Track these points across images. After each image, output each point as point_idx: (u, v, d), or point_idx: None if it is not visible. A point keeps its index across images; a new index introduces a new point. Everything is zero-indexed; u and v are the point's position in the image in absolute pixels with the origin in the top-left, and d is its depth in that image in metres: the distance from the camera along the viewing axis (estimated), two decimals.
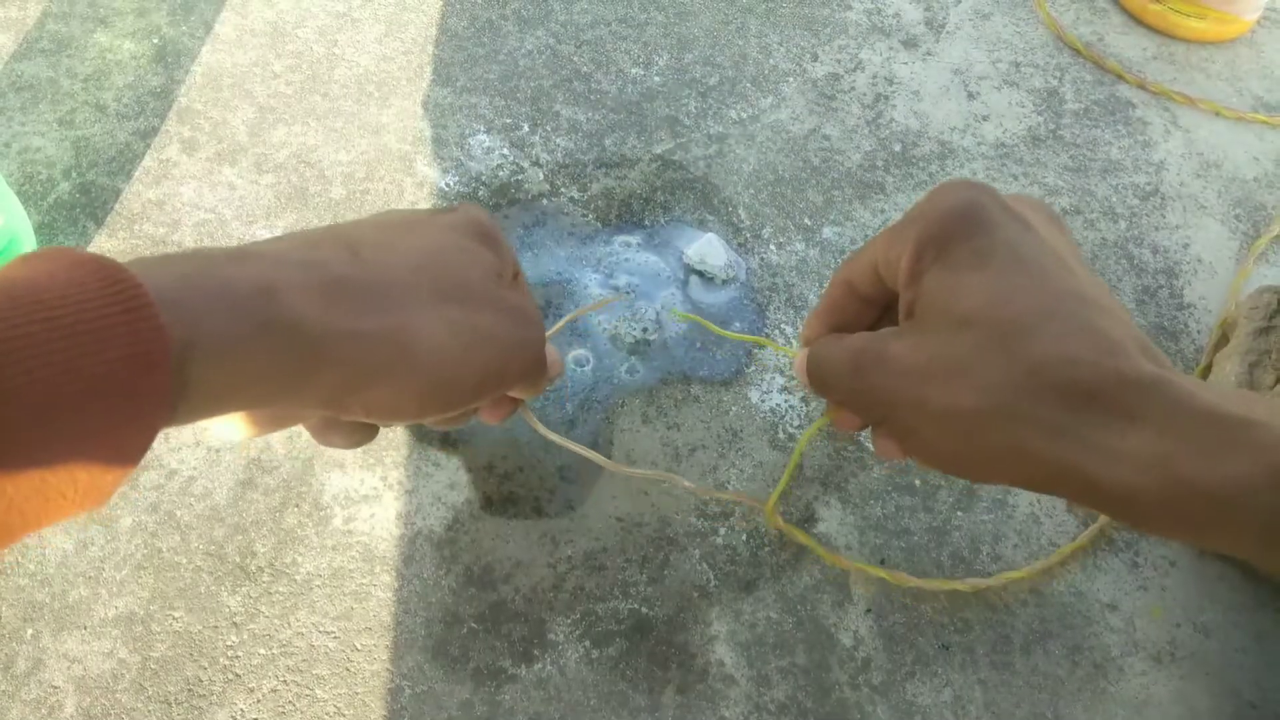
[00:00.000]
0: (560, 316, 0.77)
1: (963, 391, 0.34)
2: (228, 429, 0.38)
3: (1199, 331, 0.82)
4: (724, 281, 0.80)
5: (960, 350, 0.34)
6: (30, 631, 0.63)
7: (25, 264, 0.28)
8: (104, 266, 0.28)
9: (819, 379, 0.41)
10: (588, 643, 0.64)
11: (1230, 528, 0.31)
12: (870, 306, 0.42)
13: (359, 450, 0.70)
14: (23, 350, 0.25)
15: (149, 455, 0.69)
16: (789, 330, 0.78)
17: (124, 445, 0.29)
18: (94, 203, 0.81)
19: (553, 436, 0.53)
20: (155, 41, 0.93)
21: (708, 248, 0.80)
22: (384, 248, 0.38)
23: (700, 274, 0.80)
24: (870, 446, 0.73)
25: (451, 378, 0.38)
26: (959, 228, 0.35)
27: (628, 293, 0.79)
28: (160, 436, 0.69)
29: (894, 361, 0.36)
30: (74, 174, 0.83)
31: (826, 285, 0.45)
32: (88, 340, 0.26)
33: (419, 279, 0.38)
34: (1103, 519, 0.70)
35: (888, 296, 0.41)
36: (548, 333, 0.50)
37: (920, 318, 0.36)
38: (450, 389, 0.38)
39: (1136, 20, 1.05)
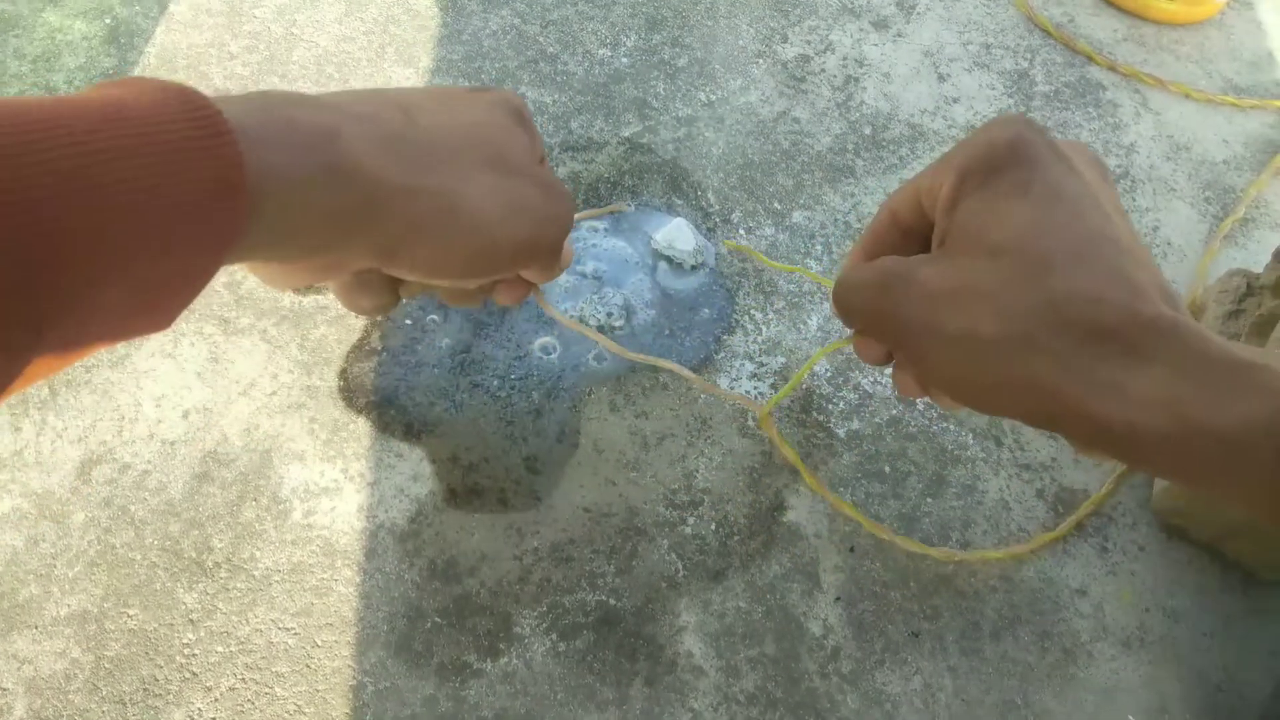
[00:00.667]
0: (526, 303, 0.76)
1: (984, 317, 0.34)
2: (272, 276, 0.39)
3: None
4: (693, 267, 0.79)
5: (987, 277, 0.34)
6: None
7: (111, 87, 0.29)
8: (186, 93, 0.29)
9: (845, 302, 0.41)
10: (554, 635, 0.63)
11: (1236, 471, 0.31)
12: (911, 239, 0.42)
13: (319, 442, 0.68)
14: (118, 162, 0.26)
15: (101, 447, 0.67)
16: (758, 316, 0.77)
17: (195, 269, 0.29)
18: None
19: (563, 319, 0.55)
20: (108, 21, 0.90)
21: (676, 233, 0.79)
22: (435, 114, 0.40)
23: (669, 259, 0.79)
24: (840, 433, 0.72)
25: (495, 240, 0.39)
26: (1003, 159, 0.36)
27: (628, 206, 0.79)
28: (114, 429, 0.68)
29: (921, 284, 0.36)
30: None
31: (873, 216, 0.45)
32: (176, 159, 0.28)
33: (468, 146, 0.39)
34: (1081, 511, 0.70)
35: (928, 229, 0.41)
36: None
37: (952, 244, 0.37)
38: (493, 251, 0.40)
39: (1107, 1, 1.05)
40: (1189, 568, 0.69)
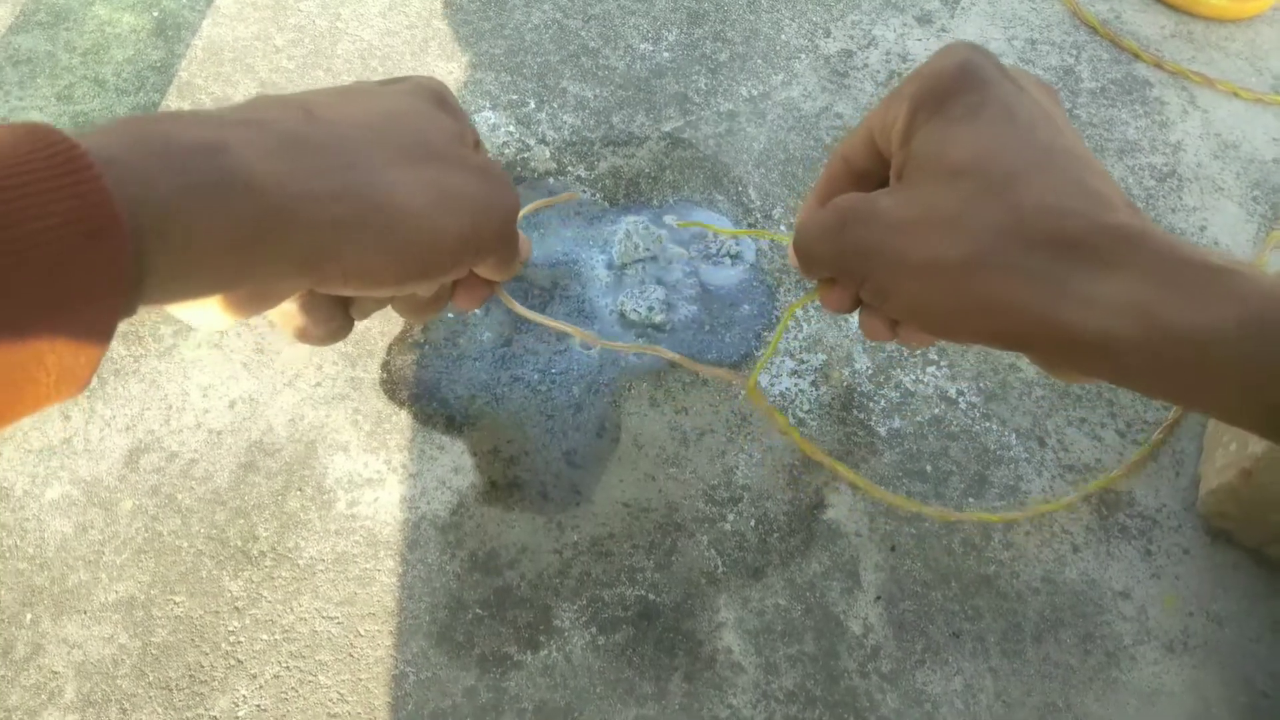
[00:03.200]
0: (567, 298, 0.76)
1: (949, 241, 0.33)
2: (206, 316, 0.36)
3: None
4: (733, 258, 0.79)
5: (948, 201, 0.34)
6: (29, 616, 0.62)
7: None
8: (37, 130, 0.26)
9: (805, 249, 0.40)
10: (594, 629, 0.64)
11: (1208, 376, 0.31)
12: (865, 182, 0.41)
13: (362, 434, 0.69)
14: None
15: (149, 436, 0.68)
16: (799, 312, 0.77)
17: (89, 321, 0.27)
18: None
19: (531, 315, 0.50)
20: (155, 14, 0.91)
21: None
22: (341, 108, 0.37)
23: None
24: (881, 431, 0.72)
25: (428, 237, 0.36)
26: (954, 84, 0.35)
27: (581, 192, 0.78)
28: (161, 419, 0.69)
29: (882, 215, 0.36)
30: None
31: (824, 165, 0.44)
32: (30, 204, 0.25)
33: (380, 138, 0.36)
34: (1092, 485, 0.69)
35: (883, 172, 0.40)
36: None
37: (911, 174, 0.36)
38: (428, 250, 0.36)
39: None
40: (1234, 572, 0.68)
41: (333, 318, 0.40)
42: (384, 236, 0.35)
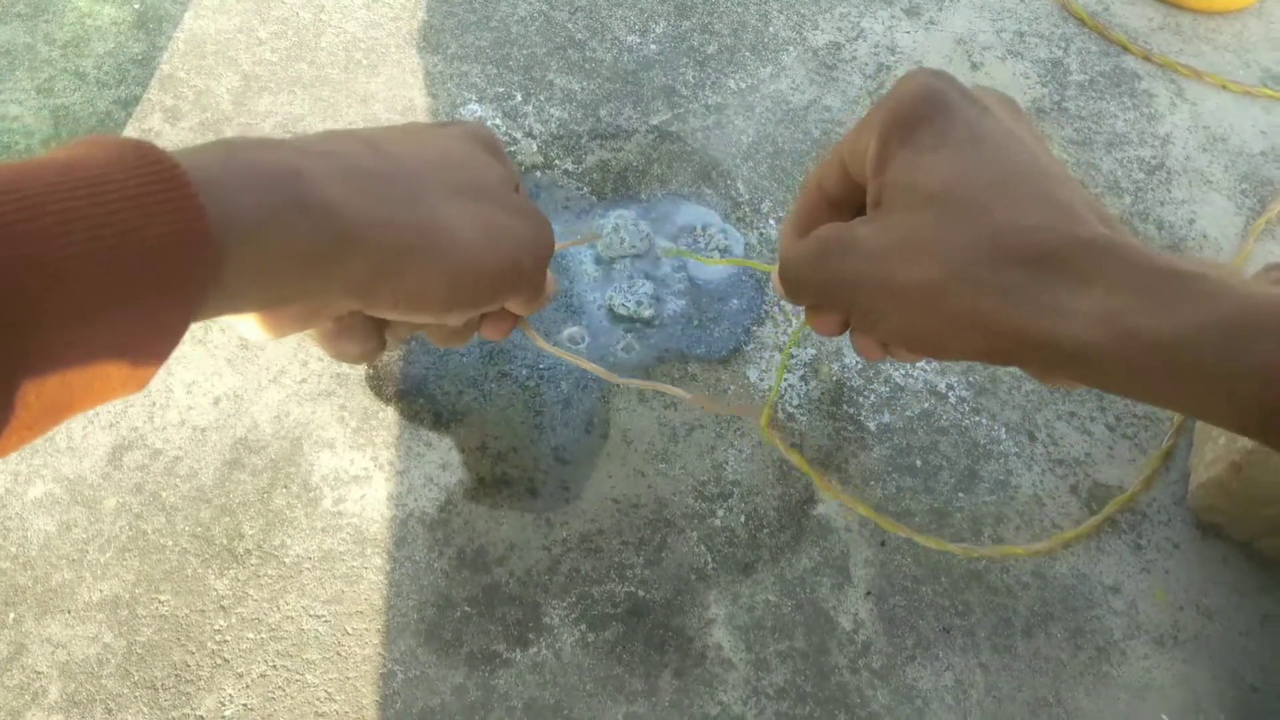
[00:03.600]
0: (555, 293, 0.76)
1: (926, 264, 0.35)
2: (254, 327, 0.38)
3: None
4: (721, 252, 0.78)
5: (923, 226, 0.35)
6: (12, 616, 0.61)
7: (74, 146, 0.29)
8: (141, 147, 0.29)
9: (790, 279, 0.41)
10: (583, 626, 0.63)
11: (1180, 380, 0.32)
12: (841, 210, 0.43)
13: (349, 430, 0.68)
14: (75, 223, 0.26)
15: (133, 433, 0.67)
16: (788, 307, 0.76)
17: (165, 326, 0.29)
18: None
19: (555, 350, 0.52)
20: (136, 7, 0.90)
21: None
22: (402, 145, 0.39)
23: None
24: (871, 426, 0.72)
25: (476, 268, 0.38)
26: (921, 111, 0.36)
27: (600, 235, 0.78)
28: (145, 415, 0.68)
29: (860, 244, 0.37)
30: (53, 144, 0.80)
31: (798, 192, 0.45)
32: (134, 215, 0.27)
33: (438, 174, 0.39)
34: (1109, 508, 0.69)
35: (858, 197, 0.41)
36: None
37: (887, 202, 0.37)
38: (475, 280, 0.39)
39: None
40: (1225, 565, 0.68)
41: (369, 339, 0.42)
42: (437, 262, 0.37)
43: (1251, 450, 0.62)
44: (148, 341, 0.29)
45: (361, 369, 0.71)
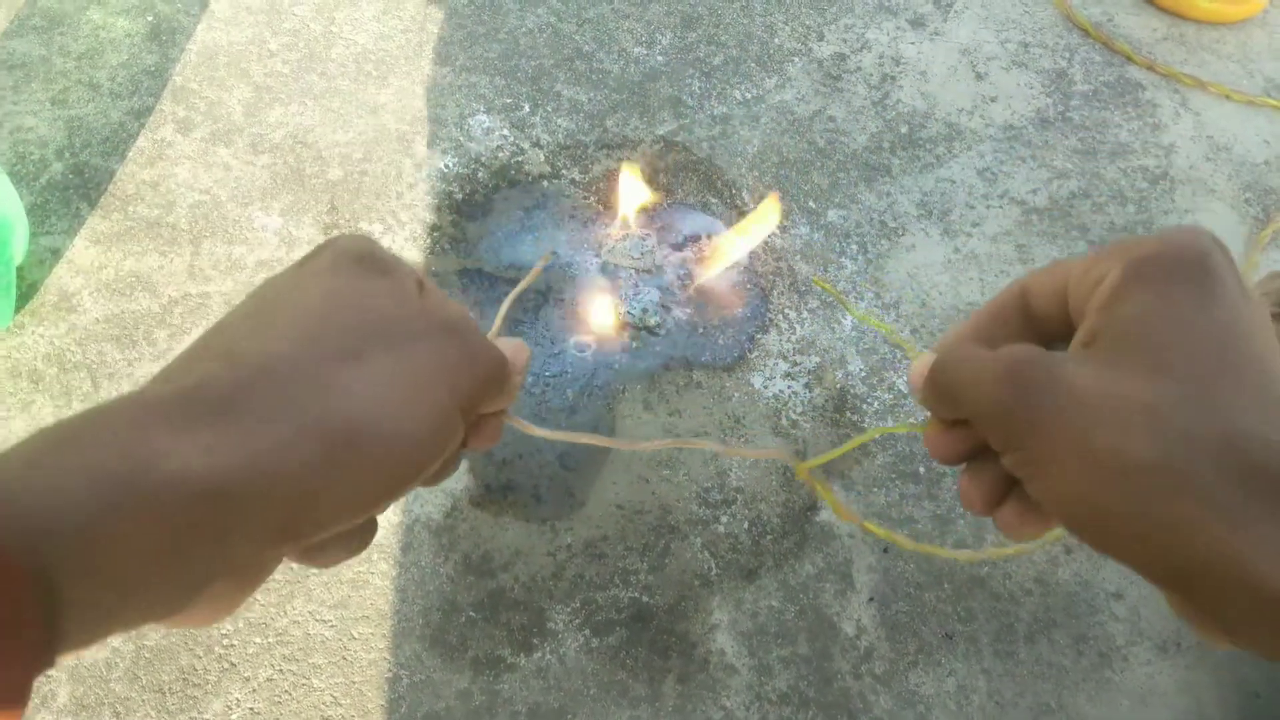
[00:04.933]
0: (561, 301, 0.76)
1: (1138, 439, 0.29)
2: (195, 617, 0.31)
3: None
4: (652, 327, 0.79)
5: (1148, 395, 0.30)
6: None
7: None
8: None
9: (948, 386, 0.36)
10: (588, 631, 0.64)
11: None
12: (1035, 328, 0.37)
13: None
14: None
15: None
16: (792, 315, 0.77)
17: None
18: (87, 183, 0.80)
19: (555, 435, 0.47)
20: (149, 19, 0.91)
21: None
22: (263, 333, 0.32)
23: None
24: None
25: (411, 434, 0.32)
26: (1184, 267, 0.32)
27: (553, 252, 0.77)
28: None
29: (1066, 385, 0.32)
30: (67, 154, 0.81)
31: (998, 294, 0.39)
32: None
33: (319, 348, 0.32)
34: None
35: (1059, 329, 0.36)
36: (490, 334, 0.44)
37: (1109, 347, 0.32)
38: (417, 447, 0.32)
39: (1147, 0, 1.04)
40: None
41: (347, 542, 0.35)
42: (362, 461, 0.30)
43: None
44: None
45: None
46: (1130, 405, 0.30)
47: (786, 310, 0.77)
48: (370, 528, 0.35)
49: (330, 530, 0.31)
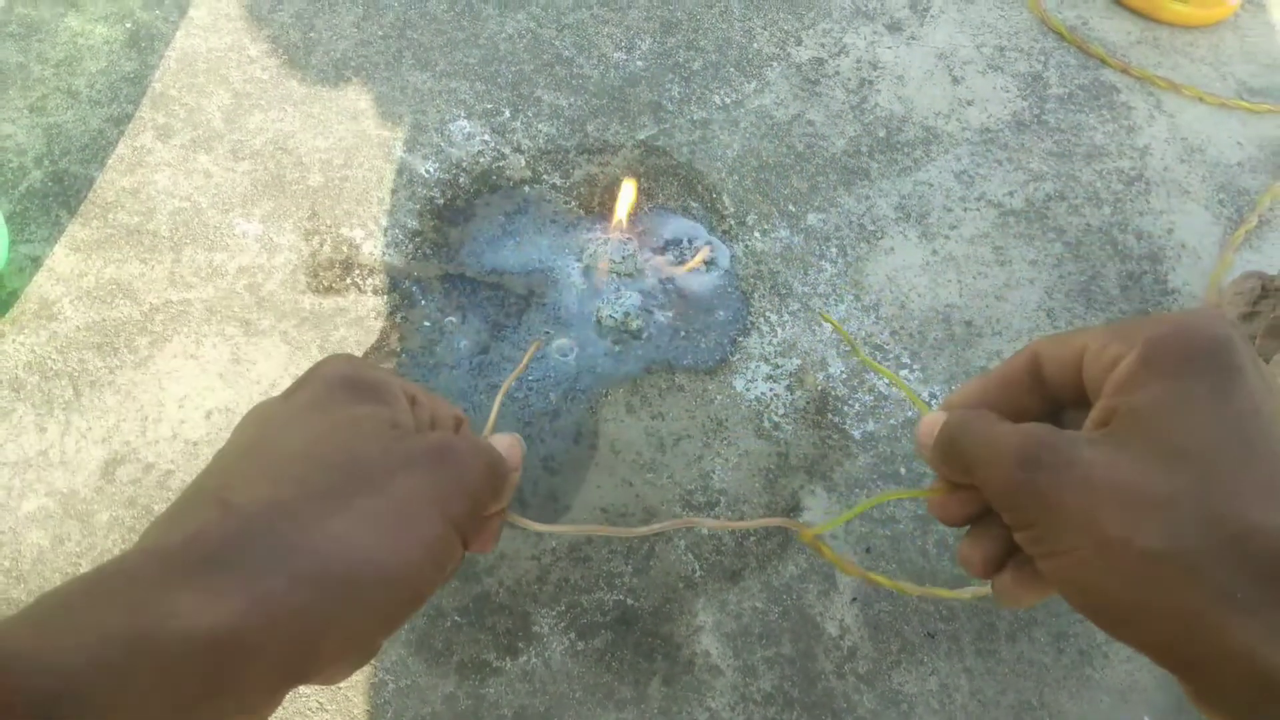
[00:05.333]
0: (543, 305, 0.77)
1: (1149, 527, 0.30)
2: None
3: None
4: (707, 264, 0.79)
5: (1162, 485, 0.30)
6: None
7: None
8: None
9: (963, 457, 0.36)
10: (573, 635, 0.64)
11: None
12: (1040, 398, 0.37)
13: None
14: None
15: (125, 448, 0.68)
16: (773, 318, 0.78)
17: None
18: (67, 191, 0.79)
19: (558, 529, 0.44)
20: (128, 25, 0.91)
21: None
22: (256, 478, 0.32)
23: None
24: (855, 435, 0.72)
25: (407, 569, 0.32)
26: (1204, 353, 0.32)
27: (543, 337, 0.76)
28: (138, 430, 0.68)
29: (1081, 467, 0.32)
30: (46, 162, 0.81)
31: (1008, 358, 0.39)
32: None
33: (312, 491, 0.31)
34: None
35: (1068, 397, 0.37)
36: (485, 431, 0.44)
37: (1125, 431, 0.32)
38: (415, 580, 0.32)
39: (1120, 4, 1.05)
40: None
41: (354, 664, 0.35)
42: (358, 606, 0.30)
43: None
44: None
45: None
46: (1143, 493, 0.30)
47: (768, 313, 0.78)
48: (374, 651, 0.35)
49: (336, 666, 0.32)
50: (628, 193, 0.79)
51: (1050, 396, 0.37)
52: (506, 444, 0.40)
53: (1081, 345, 0.35)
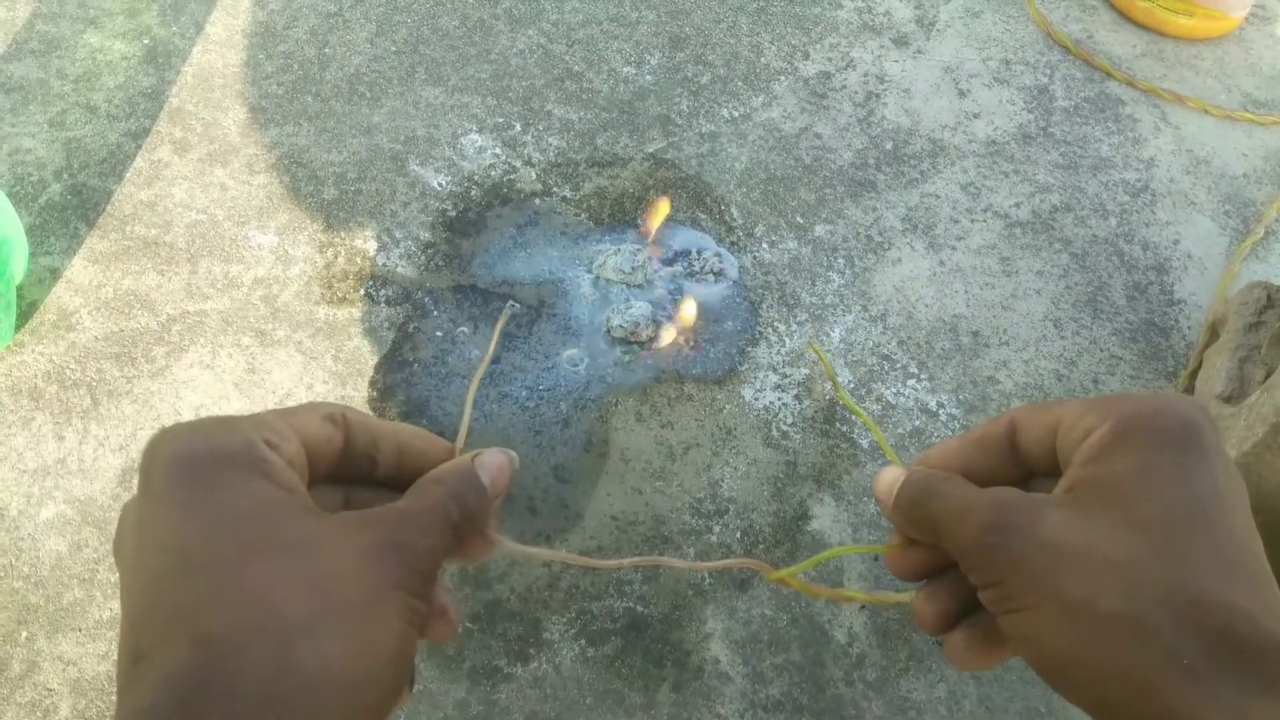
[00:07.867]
0: (554, 315, 0.77)
1: (1108, 591, 0.31)
2: None
3: (1189, 328, 0.82)
4: (716, 275, 0.80)
5: (1123, 551, 0.31)
6: (24, 634, 0.63)
7: None
8: None
9: (931, 518, 0.36)
10: (583, 641, 0.64)
11: None
12: (1014, 464, 0.38)
13: None
14: None
15: (135, 457, 0.68)
16: (781, 328, 0.78)
17: None
18: (85, 204, 0.81)
19: (539, 553, 0.42)
20: (146, 42, 0.92)
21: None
22: (175, 632, 0.27)
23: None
24: (863, 444, 0.73)
25: (363, 685, 0.28)
26: (1172, 432, 0.33)
27: (512, 304, 0.78)
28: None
29: (1046, 530, 0.33)
30: (65, 175, 0.82)
31: (987, 422, 0.40)
32: None
33: (260, 616, 0.27)
34: None
35: (1040, 465, 0.37)
36: (458, 440, 0.40)
37: (1090, 499, 0.33)
38: (373, 691, 0.29)
39: (1125, 17, 1.06)
40: None
41: None
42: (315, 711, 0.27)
43: (1245, 453, 0.64)
44: None
45: (364, 390, 0.73)
46: (1104, 558, 0.31)
47: (776, 324, 0.79)
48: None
49: None
50: (661, 209, 0.81)
51: (1023, 463, 0.38)
52: (495, 466, 0.36)
53: (1058, 416, 0.36)
